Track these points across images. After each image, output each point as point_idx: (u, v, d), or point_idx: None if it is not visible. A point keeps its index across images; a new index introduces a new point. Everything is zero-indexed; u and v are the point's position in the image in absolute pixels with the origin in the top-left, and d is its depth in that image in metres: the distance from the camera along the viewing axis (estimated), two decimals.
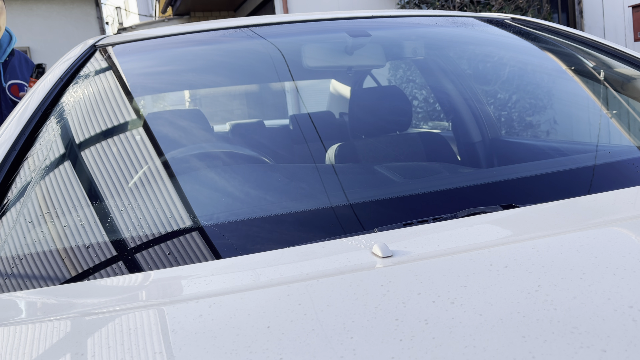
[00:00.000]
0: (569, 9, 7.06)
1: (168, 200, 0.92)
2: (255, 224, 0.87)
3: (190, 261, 0.78)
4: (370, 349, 0.50)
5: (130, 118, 1.14)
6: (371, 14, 1.61)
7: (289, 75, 1.47)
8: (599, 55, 1.41)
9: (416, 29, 1.65)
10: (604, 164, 1.05)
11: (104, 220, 0.86)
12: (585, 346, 0.48)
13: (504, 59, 1.65)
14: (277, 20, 1.55)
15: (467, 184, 1.03)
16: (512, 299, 0.56)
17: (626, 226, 0.73)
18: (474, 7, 6.64)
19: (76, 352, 0.55)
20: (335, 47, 1.66)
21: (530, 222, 0.79)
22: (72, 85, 1.18)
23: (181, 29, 1.50)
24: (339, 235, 0.81)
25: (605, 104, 1.31)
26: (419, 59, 1.78)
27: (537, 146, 1.56)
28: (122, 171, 0.97)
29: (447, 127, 1.95)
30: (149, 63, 1.39)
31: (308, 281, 0.64)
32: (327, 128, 1.68)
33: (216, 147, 1.44)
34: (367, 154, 1.37)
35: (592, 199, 0.87)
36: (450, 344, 0.49)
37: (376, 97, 1.82)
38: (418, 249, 0.71)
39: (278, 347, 0.51)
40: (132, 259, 0.80)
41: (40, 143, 1.01)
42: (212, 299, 0.62)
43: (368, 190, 1.00)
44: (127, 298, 0.69)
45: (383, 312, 0.55)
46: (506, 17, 1.69)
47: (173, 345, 0.54)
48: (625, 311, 0.52)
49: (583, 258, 0.63)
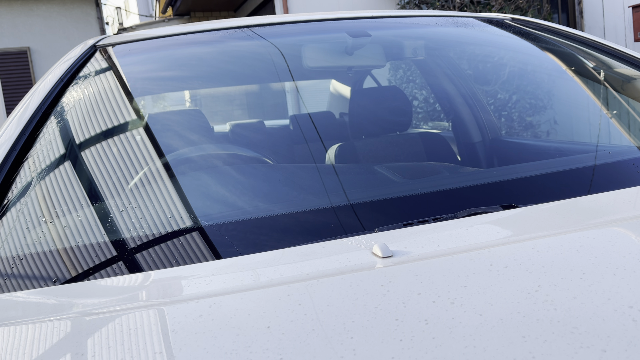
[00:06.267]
0: (569, 9, 7.06)
1: (168, 201, 0.92)
2: (255, 224, 0.87)
3: (190, 261, 0.78)
4: (370, 349, 0.50)
5: (130, 118, 1.14)
6: (371, 14, 1.61)
7: (289, 76, 1.47)
8: (599, 55, 1.41)
9: (416, 29, 1.65)
10: (604, 164, 1.05)
11: (104, 220, 0.86)
12: (585, 346, 0.48)
13: (504, 59, 1.65)
14: (277, 21, 1.55)
15: (467, 184, 1.03)
16: (512, 299, 0.56)
17: (626, 226, 0.73)
18: (474, 7, 6.64)
19: (76, 352, 0.55)
20: (336, 47, 1.66)
21: (530, 222, 0.79)
22: (72, 85, 1.18)
23: (181, 29, 1.50)
24: (339, 235, 0.81)
25: (605, 104, 1.31)
26: (419, 59, 1.78)
27: (537, 146, 1.56)
28: (122, 171, 0.97)
29: (447, 127, 1.95)
30: (149, 63, 1.39)
31: (308, 281, 0.64)
32: (327, 128, 1.68)
33: (216, 148, 1.44)
34: (367, 154, 1.37)
35: (592, 199, 0.87)
36: (450, 344, 0.49)
37: (376, 98, 1.82)
38: (418, 249, 0.71)
39: (278, 347, 0.51)
40: (132, 259, 0.80)
41: (40, 143, 1.01)
42: (212, 299, 0.62)
43: (368, 191, 1.00)
44: (127, 298, 0.69)
45: (383, 312, 0.55)
46: (506, 18, 1.69)
47: (173, 345, 0.54)
48: (625, 311, 0.52)
49: (583, 258, 0.63)
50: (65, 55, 1.36)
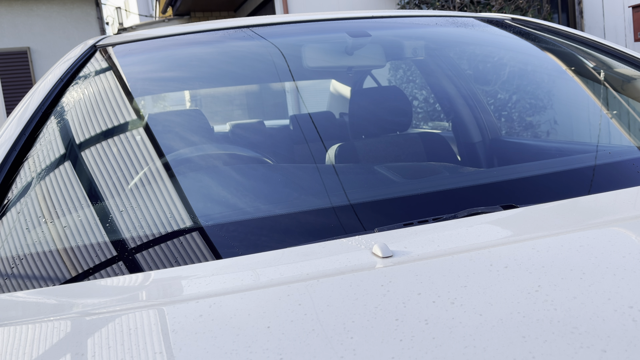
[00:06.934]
0: (569, 9, 7.06)
1: (168, 201, 0.92)
2: (255, 224, 0.87)
3: (190, 261, 0.78)
4: (370, 349, 0.50)
5: (130, 118, 1.14)
6: (371, 14, 1.61)
7: (289, 76, 1.47)
8: (599, 55, 1.41)
9: (416, 29, 1.65)
10: (604, 164, 1.05)
11: (104, 220, 0.86)
12: (585, 346, 0.48)
13: (504, 59, 1.65)
14: (277, 21, 1.55)
15: (467, 184, 1.03)
16: (512, 299, 0.56)
17: (626, 226, 0.73)
18: (474, 7, 6.64)
19: (76, 352, 0.55)
20: (336, 47, 1.66)
21: (530, 222, 0.79)
22: (72, 85, 1.18)
23: (181, 29, 1.50)
24: (339, 235, 0.81)
25: (605, 104, 1.31)
26: (419, 59, 1.78)
27: (537, 146, 1.56)
28: (122, 171, 0.97)
29: (447, 127, 1.95)
30: (149, 63, 1.39)
31: (308, 281, 0.64)
32: (327, 128, 1.68)
33: (216, 148, 1.44)
34: (367, 154, 1.37)
35: (592, 199, 0.87)
36: (450, 344, 0.49)
37: (376, 98, 1.82)
38: (418, 249, 0.71)
39: (278, 347, 0.51)
40: (132, 259, 0.80)
41: (40, 143, 1.01)
42: (212, 299, 0.62)
43: (368, 190, 1.00)
44: (127, 298, 0.69)
45: (383, 312, 0.55)
46: (506, 18, 1.69)
47: (173, 345, 0.54)
48: (625, 311, 0.52)
49: (583, 258, 0.63)
50: (65, 55, 1.36)
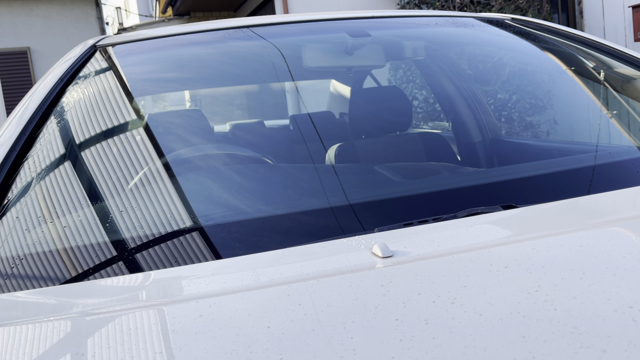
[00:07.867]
0: (569, 9, 7.06)
1: (168, 201, 0.92)
2: (255, 224, 0.87)
3: (190, 261, 0.78)
4: (370, 349, 0.50)
5: (130, 118, 1.14)
6: (371, 14, 1.61)
7: (289, 76, 1.47)
8: (599, 55, 1.41)
9: (416, 29, 1.65)
10: (604, 164, 1.05)
11: (104, 220, 0.86)
12: (585, 346, 0.48)
13: (504, 59, 1.65)
14: (277, 21, 1.55)
15: (467, 184, 1.03)
16: (512, 299, 0.56)
17: (626, 226, 0.73)
18: (474, 7, 6.64)
19: (76, 352, 0.55)
20: (336, 47, 1.66)
21: (530, 222, 0.79)
22: (72, 85, 1.18)
23: (181, 29, 1.50)
24: (339, 235, 0.81)
25: (605, 104, 1.31)
26: (419, 59, 1.78)
27: (537, 146, 1.56)
28: (122, 171, 0.97)
29: (447, 127, 1.95)
30: (149, 63, 1.39)
31: (308, 281, 0.64)
32: (327, 128, 1.68)
33: (216, 148, 1.44)
34: (367, 154, 1.37)
35: (592, 199, 0.87)
36: (450, 344, 0.49)
37: (376, 98, 1.82)
38: (418, 249, 0.71)
39: (278, 347, 0.51)
40: (132, 259, 0.80)
41: (40, 143, 1.01)
42: (212, 299, 0.62)
43: (368, 191, 1.00)
44: (127, 298, 0.69)
45: (383, 312, 0.55)
46: (506, 18, 1.69)
47: (173, 345, 0.54)
48: (625, 311, 0.52)
49: (583, 258, 0.63)
50: (65, 55, 1.36)
